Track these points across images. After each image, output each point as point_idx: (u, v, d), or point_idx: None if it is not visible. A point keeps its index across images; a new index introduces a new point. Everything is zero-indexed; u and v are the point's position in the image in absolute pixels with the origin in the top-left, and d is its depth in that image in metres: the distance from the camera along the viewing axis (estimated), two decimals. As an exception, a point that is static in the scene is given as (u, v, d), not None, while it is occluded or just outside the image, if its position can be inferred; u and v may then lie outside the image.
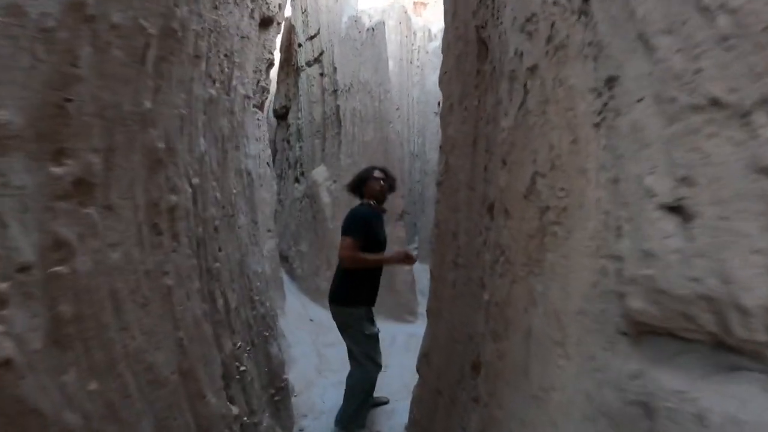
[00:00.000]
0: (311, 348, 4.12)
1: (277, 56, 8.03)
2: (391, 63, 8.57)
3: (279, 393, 2.77)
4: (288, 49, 7.78)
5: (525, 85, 0.98)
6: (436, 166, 7.75)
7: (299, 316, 4.68)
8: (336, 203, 5.50)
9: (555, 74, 0.84)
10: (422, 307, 5.84)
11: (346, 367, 3.92)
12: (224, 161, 2.09)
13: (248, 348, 2.19)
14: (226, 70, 2.55)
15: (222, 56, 2.48)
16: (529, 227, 0.88)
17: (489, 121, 1.36)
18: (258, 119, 5.20)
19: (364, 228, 2.59)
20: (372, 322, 2.72)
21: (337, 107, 5.90)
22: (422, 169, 8.04)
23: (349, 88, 5.92)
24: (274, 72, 8.53)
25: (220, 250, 1.79)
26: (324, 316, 4.98)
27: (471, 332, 1.47)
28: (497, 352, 1.07)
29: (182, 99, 1.34)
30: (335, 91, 6.02)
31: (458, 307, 1.59)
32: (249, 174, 2.64)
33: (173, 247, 1.22)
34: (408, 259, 2.74)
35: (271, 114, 9.20)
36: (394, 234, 4.91)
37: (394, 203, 4.84)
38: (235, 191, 2.24)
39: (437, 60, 9.13)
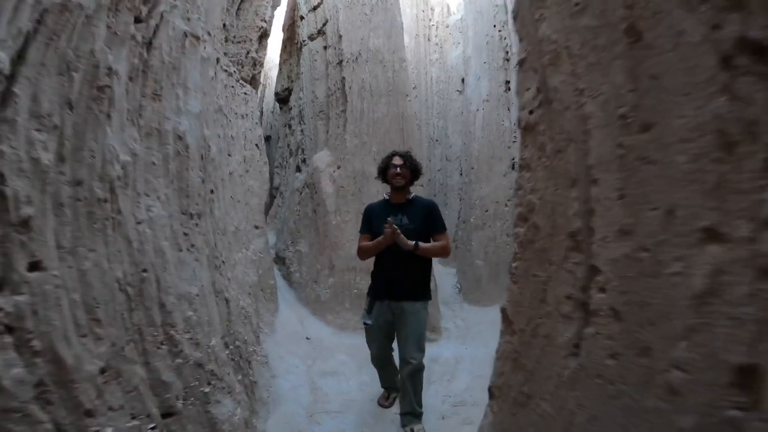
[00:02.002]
0: (304, 379, 3.18)
1: (279, 36, 7.21)
2: (406, 38, 7.54)
3: (237, 469, 1.86)
4: (291, 27, 6.92)
5: None
6: (460, 151, 6.65)
7: (293, 335, 3.75)
8: (340, 194, 4.54)
9: None
10: (446, 321, 4.78)
11: (345, 407, 2.98)
12: (95, 108, 1.16)
13: (152, 426, 1.27)
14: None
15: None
16: None
17: None
18: (245, 93, 4.32)
19: (366, 221, 2.67)
20: (385, 312, 2.62)
21: (343, 80, 4.94)
22: (444, 155, 7.00)
23: (356, 58, 4.95)
24: (276, 54, 7.67)
25: (35, 267, 0.86)
26: (325, 334, 4.03)
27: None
28: None
29: None
30: (340, 62, 5.05)
31: (587, 403, 0.63)
32: (181, 139, 1.71)
33: None
34: (393, 234, 2.43)
35: (276, 105, 8.34)
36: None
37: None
38: (131, 159, 1.31)
39: (458, 35, 8.04)
